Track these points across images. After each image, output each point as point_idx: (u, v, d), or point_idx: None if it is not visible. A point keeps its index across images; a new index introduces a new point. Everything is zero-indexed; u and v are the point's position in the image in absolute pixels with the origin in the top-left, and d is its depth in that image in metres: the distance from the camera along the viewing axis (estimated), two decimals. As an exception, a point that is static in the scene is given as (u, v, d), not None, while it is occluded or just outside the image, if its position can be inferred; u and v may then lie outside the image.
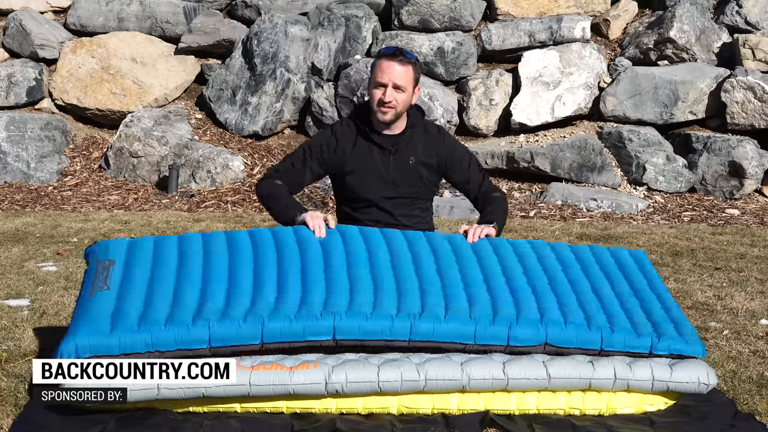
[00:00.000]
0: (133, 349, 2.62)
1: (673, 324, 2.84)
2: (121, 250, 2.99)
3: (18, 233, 5.80)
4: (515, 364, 2.68)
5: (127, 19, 8.91)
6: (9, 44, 8.78)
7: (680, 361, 2.74)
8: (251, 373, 2.60)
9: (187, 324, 2.64)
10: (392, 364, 2.65)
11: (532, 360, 2.70)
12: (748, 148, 7.46)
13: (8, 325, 3.65)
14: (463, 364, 2.67)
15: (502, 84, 8.14)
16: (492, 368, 2.66)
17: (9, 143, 8.05)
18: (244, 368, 2.61)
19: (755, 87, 7.58)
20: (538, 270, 3.01)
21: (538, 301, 2.84)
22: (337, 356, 2.72)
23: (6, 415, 2.67)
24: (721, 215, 7.02)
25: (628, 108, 7.91)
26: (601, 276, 3.04)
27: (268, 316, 2.66)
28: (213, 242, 3.04)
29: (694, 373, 2.69)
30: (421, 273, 2.91)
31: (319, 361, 2.66)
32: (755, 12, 8.29)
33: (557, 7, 8.61)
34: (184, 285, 2.82)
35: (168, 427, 2.56)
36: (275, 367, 2.61)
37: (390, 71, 3.19)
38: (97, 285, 2.82)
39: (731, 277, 4.75)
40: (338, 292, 2.78)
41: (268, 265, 2.90)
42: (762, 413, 2.77)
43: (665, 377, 2.69)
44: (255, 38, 8.31)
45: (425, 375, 2.63)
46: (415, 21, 8.50)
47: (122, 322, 2.66)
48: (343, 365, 2.63)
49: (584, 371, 2.67)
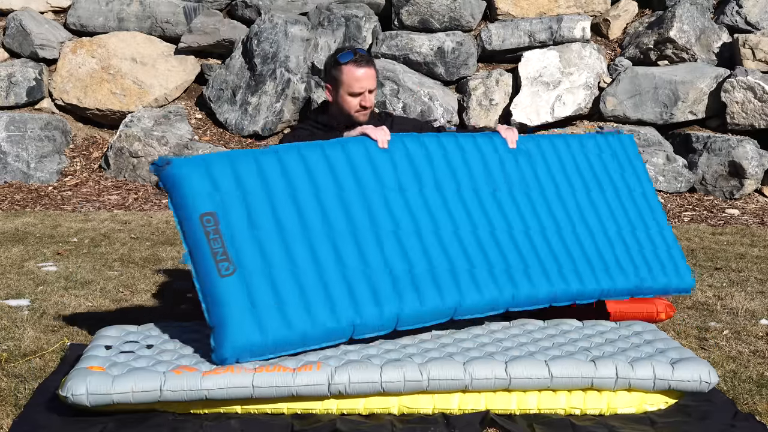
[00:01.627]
0: (285, 350, 2.67)
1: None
2: (216, 194, 2.74)
3: (18, 233, 5.80)
4: (518, 363, 2.68)
5: (127, 19, 8.91)
6: (9, 44, 8.78)
7: (681, 360, 2.75)
8: (254, 375, 2.60)
9: (337, 319, 2.71)
10: (395, 364, 2.65)
11: (534, 360, 2.71)
12: (748, 148, 7.46)
13: (8, 325, 3.65)
14: (466, 364, 2.67)
15: (502, 84, 8.14)
16: (494, 368, 2.66)
17: (9, 143, 8.05)
18: (247, 370, 2.61)
19: (755, 87, 7.57)
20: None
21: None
22: (339, 357, 2.72)
23: (6, 415, 2.67)
24: (721, 215, 7.02)
25: (628, 108, 7.91)
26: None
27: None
28: (315, 169, 2.89)
29: (696, 372, 2.70)
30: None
31: (322, 362, 2.66)
32: (755, 12, 8.29)
33: (557, 7, 8.61)
34: (312, 251, 2.77)
35: (168, 427, 2.56)
36: (278, 369, 2.61)
37: (363, 78, 3.31)
38: (220, 263, 2.67)
39: (731, 277, 4.75)
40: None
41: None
42: (762, 413, 2.77)
43: (667, 376, 2.69)
44: (255, 38, 8.31)
45: (428, 375, 2.63)
46: (415, 21, 8.50)
47: (269, 317, 2.64)
48: (345, 366, 2.63)
49: (586, 371, 2.68)
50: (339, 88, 3.33)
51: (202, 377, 2.58)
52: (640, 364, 2.71)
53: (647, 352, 2.86)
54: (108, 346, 2.85)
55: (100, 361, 2.70)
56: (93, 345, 2.87)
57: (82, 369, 2.62)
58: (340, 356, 2.73)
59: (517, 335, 3.01)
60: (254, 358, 2.64)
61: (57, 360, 3.19)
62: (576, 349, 2.87)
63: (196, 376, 2.58)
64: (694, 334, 3.66)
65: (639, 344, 2.93)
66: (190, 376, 2.57)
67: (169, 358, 2.75)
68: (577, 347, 2.89)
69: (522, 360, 2.70)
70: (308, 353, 2.74)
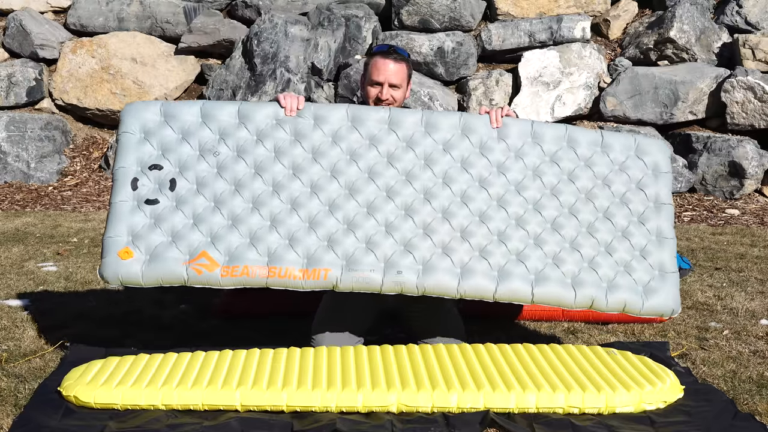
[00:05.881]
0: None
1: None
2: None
3: (18, 233, 5.80)
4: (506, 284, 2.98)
5: (127, 19, 8.91)
6: (9, 44, 8.78)
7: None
8: (267, 279, 2.91)
9: None
10: (395, 278, 2.94)
11: (521, 281, 2.99)
12: (748, 148, 7.46)
13: (8, 325, 3.65)
14: (461, 280, 2.95)
15: (502, 84, 8.14)
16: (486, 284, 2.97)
17: (9, 143, 8.05)
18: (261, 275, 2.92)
19: (755, 87, 7.58)
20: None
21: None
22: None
23: (6, 415, 2.67)
24: (721, 215, 7.02)
25: (628, 108, 7.91)
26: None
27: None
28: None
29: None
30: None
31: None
32: (755, 12, 8.29)
33: (557, 7, 8.61)
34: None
35: (168, 426, 2.56)
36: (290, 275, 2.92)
37: (385, 70, 3.29)
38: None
39: (731, 277, 4.75)
40: None
41: None
42: (762, 413, 2.77)
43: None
44: (255, 38, 8.31)
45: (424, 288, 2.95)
46: (415, 21, 8.50)
47: None
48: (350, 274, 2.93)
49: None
50: (365, 77, 3.37)
51: (220, 278, 2.90)
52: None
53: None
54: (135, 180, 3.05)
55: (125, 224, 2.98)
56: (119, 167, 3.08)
57: (113, 257, 2.95)
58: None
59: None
60: None
61: (57, 360, 3.19)
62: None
63: (215, 276, 2.90)
64: (694, 334, 3.66)
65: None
66: (210, 276, 2.90)
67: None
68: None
69: (509, 280, 3.00)
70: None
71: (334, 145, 3.08)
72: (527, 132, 3.19)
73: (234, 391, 2.68)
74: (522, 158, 3.16)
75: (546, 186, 3.15)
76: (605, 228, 3.13)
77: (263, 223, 2.96)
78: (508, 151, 3.16)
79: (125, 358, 2.95)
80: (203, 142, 3.05)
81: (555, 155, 3.19)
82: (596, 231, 3.12)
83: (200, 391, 2.68)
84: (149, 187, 3.01)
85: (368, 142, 3.10)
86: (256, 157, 3.04)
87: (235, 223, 2.96)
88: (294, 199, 3.00)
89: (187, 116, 3.08)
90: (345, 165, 3.06)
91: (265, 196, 3.00)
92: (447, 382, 2.74)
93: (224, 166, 3.03)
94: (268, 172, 3.03)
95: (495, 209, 3.08)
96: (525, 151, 3.18)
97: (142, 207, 2.98)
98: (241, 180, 3.01)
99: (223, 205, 2.98)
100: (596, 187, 3.18)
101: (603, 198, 3.17)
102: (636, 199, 3.21)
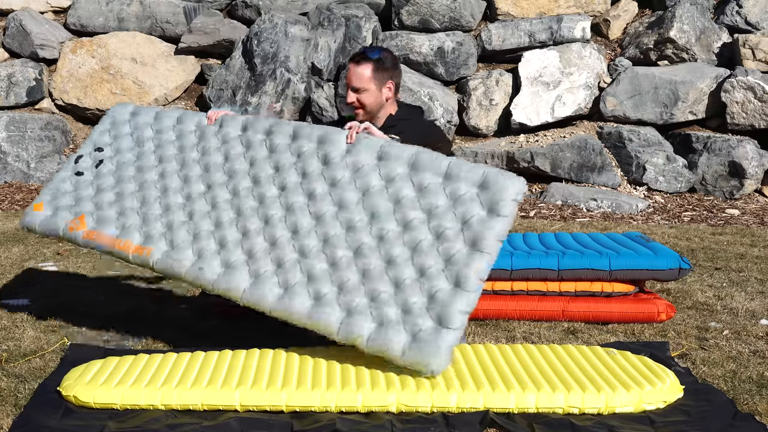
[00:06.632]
0: None
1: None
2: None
3: (18, 233, 5.80)
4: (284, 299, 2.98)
5: (127, 19, 8.91)
6: (9, 44, 8.78)
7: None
8: (112, 248, 3.32)
9: None
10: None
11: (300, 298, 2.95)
12: (748, 148, 7.46)
13: (8, 325, 3.65)
14: (249, 288, 3.03)
15: (502, 84, 8.14)
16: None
17: (9, 143, 8.05)
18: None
19: (755, 87, 7.57)
20: None
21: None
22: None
23: (6, 415, 2.67)
24: (721, 215, 7.02)
25: (628, 108, 7.91)
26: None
27: None
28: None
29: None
30: None
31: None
32: (755, 12, 8.29)
33: (557, 7, 8.61)
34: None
35: (167, 426, 2.56)
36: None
37: (349, 74, 3.38)
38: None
39: (731, 277, 4.75)
40: None
41: None
42: (762, 413, 2.77)
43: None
44: (255, 38, 8.31)
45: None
46: (415, 21, 8.50)
47: None
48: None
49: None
50: None
51: (81, 238, 3.34)
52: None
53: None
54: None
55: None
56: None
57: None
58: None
59: None
60: None
61: (57, 360, 3.19)
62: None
63: (78, 234, 3.34)
64: (694, 334, 3.66)
65: None
66: (75, 234, 3.35)
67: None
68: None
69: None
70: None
71: (217, 150, 3.45)
72: (374, 151, 3.10)
73: (233, 391, 2.68)
74: (358, 179, 3.08)
75: (366, 210, 3.02)
76: (406, 265, 2.89)
77: (134, 205, 3.38)
78: (345, 168, 3.12)
79: (125, 358, 2.96)
80: (142, 139, 3.61)
81: (392, 179, 3.03)
82: (395, 266, 2.89)
83: (200, 391, 2.68)
84: (86, 164, 3.61)
85: (220, 145, 3.44)
86: (163, 155, 3.51)
87: (117, 199, 3.43)
88: (165, 190, 3.39)
89: (145, 117, 3.69)
90: (204, 166, 3.41)
91: (150, 185, 3.44)
92: (446, 382, 2.74)
93: (142, 157, 3.54)
94: (168, 167, 3.46)
95: (310, 225, 3.07)
96: (364, 171, 3.08)
97: (72, 178, 3.59)
98: (143, 170, 3.49)
99: (119, 186, 3.47)
100: (416, 219, 2.94)
101: (418, 232, 2.91)
102: (453, 240, 2.86)
